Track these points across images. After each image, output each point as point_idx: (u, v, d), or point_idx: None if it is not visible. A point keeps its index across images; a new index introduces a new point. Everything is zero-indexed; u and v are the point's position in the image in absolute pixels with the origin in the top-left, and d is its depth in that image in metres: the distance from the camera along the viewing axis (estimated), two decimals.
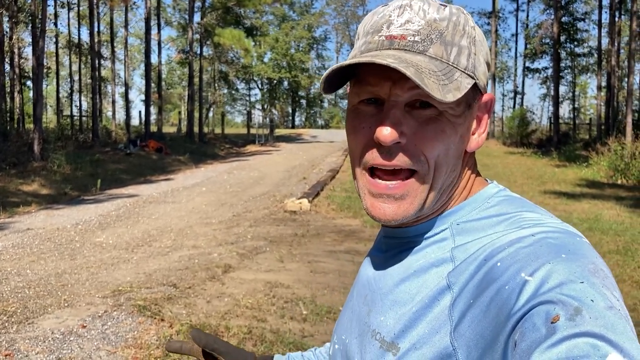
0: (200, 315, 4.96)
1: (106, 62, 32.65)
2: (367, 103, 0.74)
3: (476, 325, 0.63)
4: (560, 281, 0.57)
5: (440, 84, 0.67)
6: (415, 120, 0.71)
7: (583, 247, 0.63)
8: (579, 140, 28.08)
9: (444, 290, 0.68)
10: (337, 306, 5.29)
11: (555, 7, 27.93)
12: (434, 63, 0.69)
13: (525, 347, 0.55)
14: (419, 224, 0.77)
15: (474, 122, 0.77)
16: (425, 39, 0.71)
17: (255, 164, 19.82)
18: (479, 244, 0.69)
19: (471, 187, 0.79)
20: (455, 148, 0.73)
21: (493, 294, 0.62)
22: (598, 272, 0.59)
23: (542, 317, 0.55)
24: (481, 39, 0.76)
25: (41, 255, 6.97)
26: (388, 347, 0.72)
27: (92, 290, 5.61)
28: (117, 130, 27.72)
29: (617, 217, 10.13)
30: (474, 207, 0.76)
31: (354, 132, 0.75)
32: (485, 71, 0.77)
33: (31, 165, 15.04)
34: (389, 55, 0.68)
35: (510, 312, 0.59)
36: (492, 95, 0.79)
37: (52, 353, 4.12)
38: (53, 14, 29.51)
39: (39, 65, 16.05)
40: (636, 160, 15.65)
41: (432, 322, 0.68)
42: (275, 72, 52.13)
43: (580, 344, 0.52)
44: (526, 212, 0.71)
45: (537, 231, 0.66)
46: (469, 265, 0.68)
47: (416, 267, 0.74)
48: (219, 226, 8.99)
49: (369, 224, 9.21)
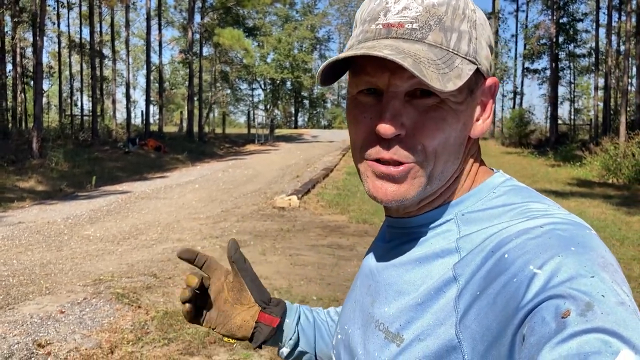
0: (176, 303, 5.12)
1: (109, 62, 32.93)
2: (367, 93, 0.72)
3: (482, 318, 0.62)
4: (570, 275, 0.56)
5: (440, 72, 0.66)
6: (415, 110, 0.70)
7: (592, 240, 0.62)
8: (578, 140, 28.13)
9: (449, 282, 0.68)
10: (310, 296, 5.44)
11: (553, 7, 28.00)
12: (433, 51, 0.68)
13: (534, 341, 0.54)
14: (423, 214, 0.76)
15: (478, 107, 0.75)
16: (424, 26, 0.69)
17: (252, 162, 20.01)
18: (485, 234, 0.68)
19: (475, 175, 0.77)
20: (456, 136, 0.72)
21: (500, 287, 0.61)
22: (608, 266, 0.59)
23: (552, 312, 0.54)
24: (482, 22, 0.74)
25: (29, 247, 7.18)
26: (392, 338, 0.72)
27: (74, 279, 5.80)
28: (117, 129, 27.98)
29: (601, 214, 10.26)
30: (479, 198, 0.74)
31: (355, 122, 0.74)
32: (488, 55, 0.75)
33: (29, 163, 15.28)
34: (386, 45, 0.67)
35: (518, 305, 0.58)
36: (496, 79, 0.77)
37: (29, 335, 4.30)
38: (56, 15, 29.80)
39: (38, 64, 16.31)
40: (627, 160, 15.76)
41: (437, 314, 0.67)
42: (277, 72, 52.29)
43: (591, 340, 0.51)
44: (533, 203, 0.70)
45: (546, 222, 0.65)
46: (475, 256, 0.67)
47: (421, 257, 0.73)
48: (206, 221, 9.18)
49: (355, 220, 9.37)
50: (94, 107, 24.42)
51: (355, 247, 7.52)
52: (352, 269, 6.44)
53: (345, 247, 7.50)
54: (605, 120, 25.16)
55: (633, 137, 16.93)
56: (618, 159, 16.23)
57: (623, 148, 16.49)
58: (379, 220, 9.28)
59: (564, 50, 36.84)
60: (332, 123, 63.62)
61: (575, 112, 45.13)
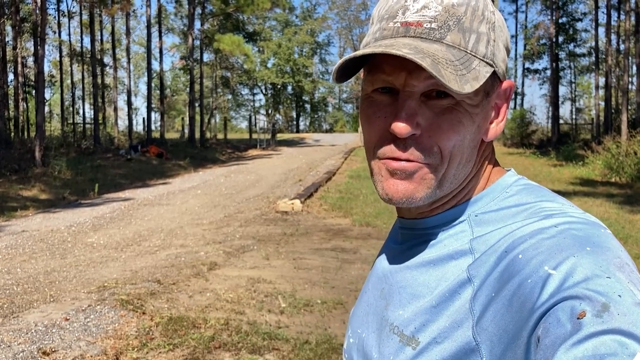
0: (180, 309, 5.13)
1: (110, 70, 33.04)
2: (382, 92, 0.72)
3: (499, 320, 0.61)
4: (585, 275, 0.56)
5: (458, 74, 0.65)
6: (431, 111, 0.69)
7: (608, 240, 0.62)
8: (579, 140, 28.11)
9: (464, 283, 0.67)
10: (315, 299, 5.44)
11: (552, 7, 28.02)
12: (451, 52, 0.67)
13: (549, 342, 0.53)
14: (436, 215, 0.76)
15: (492, 110, 0.75)
16: (443, 26, 0.68)
17: (254, 167, 20.04)
18: (499, 235, 0.67)
19: (488, 176, 0.77)
20: (471, 138, 0.71)
21: (515, 288, 0.60)
22: (624, 266, 0.58)
23: (567, 313, 0.54)
24: (501, 24, 0.74)
25: (33, 255, 7.20)
26: (407, 341, 0.71)
27: (78, 286, 5.81)
28: (119, 137, 28.06)
29: (605, 213, 10.24)
30: (492, 198, 0.74)
31: (369, 121, 0.73)
32: (505, 57, 0.74)
33: (32, 171, 15.32)
34: (404, 44, 0.66)
35: (533, 306, 0.57)
36: (512, 83, 0.77)
37: (33, 343, 4.31)
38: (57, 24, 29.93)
39: (39, 73, 16.37)
40: (629, 159, 15.74)
41: (452, 316, 0.67)
42: (278, 77, 52.40)
43: (607, 342, 0.50)
44: (547, 202, 0.70)
45: (560, 222, 0.64)
46: (489, 257, 0.66)
47: (434, 259, 0.73)
48: (209, 226, 9.19)
49: (358, 223, 9.37)
50: (95, 115, 24.50)
51: (358, 250, 7.51)
52: (356, 272, 6.43)
53: (348, 250, 7.50)
54: (606, 119, 25.14)
55: (635, 136, 16.94)
56: (620, 157, 16.22)
57: (625, 147, 16.48)
58: (382, 222, 9.28)
59: (563, 50, 36.88)
60: (333, 127, 63.68)
61: (577, 111, 45.10)
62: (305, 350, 4.23)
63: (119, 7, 23.76)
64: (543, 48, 35.48)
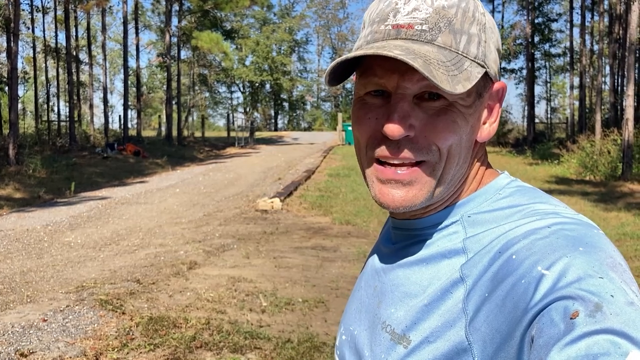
0: (161, 309, 5.09)
1: (86, 67, 32.54)
2: (374, 95, 0.72)
3: (492, 320, 0.61)
4: (578, 276, 0.56)
5: (450, 74, 0.65)
6: (424, 113, 0.69)
7: (600, 240, 0.62)
8: (555, 139, 28.56)
9: (457, 283, 0.67)
10: (296, 298, 5.44)
11: (528, 8, 28.40)
12: (442, 53, 0.67)
13: (542, 342, 0.54)
14: (429, 216, 0.75)
15: (485, 111, 0.75)
16: (434, 28, 0.68)
17: (232, 165, 19.94)
18: (492, 235, 0.68)
19: (481, 178, 0.77)
20: (466, 139, 0.71)
21: (509, 288, 0.60)
22: (616, 266, 0.58)
23: (561, 313, 0.54)
24: (492, 25, 0.74)
25: (8, 255, 7.06)
26: (399, 340, 0.71)
27: (56, 286, 5.72)
28: (95, 135, 27.65)
29: (580, 210, 10.26)
30: (485, 199, 0.74)
31: (359, 123, 0.73)
32: (496, 59, 0.75)
33: (6, 170, 15.01)
34: (395, 46, 0.66)
35: (526, 306, 0.57)
36: (504, 84, 0.77)
37: (10, 345, 4.23)
38: (31, 19, 29.36)
39: (13, 70, 16.04)
40: (603, 157, 16.04)
41: (445, 315, 0.67)
42: (256, 75, 52.22)
43: (600, 341, 0.51)
44: (540, 204, 0.70)
45: (553, 222, 0.64)
46: (482, 257, 0.66)
47: (427, 258, 0.73)
48: (188, 225, 9.12)
49: (338, 221, 9.39)
50: (71, 113, 24.09)
51: (339, 248, 7.53)
52: (336, 270, 6.45)
53: (329, 249, 7.52)
54: (581, 119, 25.57)
55: (608, 135, 17.27)
56: (594, 156, 16.53)
57: (599, 145, 16.81)
58: (362, 221, 9.32)
59: (539, 50, 37.41)
60: (312, 125, 63.69)
61: (552, 110, 45.82)
62: (287, 349, 4.24)
63: (95, 3, 23.42)
64: (519, 48, 35.93)
